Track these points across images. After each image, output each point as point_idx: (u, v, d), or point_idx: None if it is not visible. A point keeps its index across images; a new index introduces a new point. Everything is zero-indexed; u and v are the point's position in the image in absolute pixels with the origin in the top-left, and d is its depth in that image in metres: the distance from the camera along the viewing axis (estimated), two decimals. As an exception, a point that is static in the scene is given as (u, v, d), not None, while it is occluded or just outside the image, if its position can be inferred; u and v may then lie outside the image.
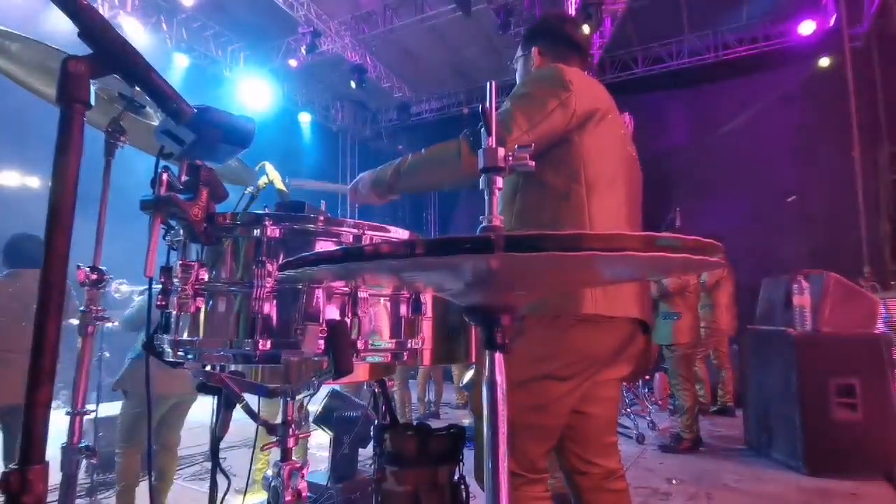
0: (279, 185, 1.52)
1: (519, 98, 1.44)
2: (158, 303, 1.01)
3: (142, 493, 2.80)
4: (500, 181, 0.77)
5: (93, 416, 1.56)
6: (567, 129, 1.40)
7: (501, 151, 0.76)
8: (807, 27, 7.38)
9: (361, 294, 1.03)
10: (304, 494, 1.12)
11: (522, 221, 1.43)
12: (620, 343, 1.40)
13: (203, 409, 1.63)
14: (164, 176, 0.91)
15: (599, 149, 1.44)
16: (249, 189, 1.56)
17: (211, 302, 0.99)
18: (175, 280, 1.00)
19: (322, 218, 1.05)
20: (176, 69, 7.62)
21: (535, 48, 1.66)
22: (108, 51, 0.80)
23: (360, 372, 1.20)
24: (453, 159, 1.38)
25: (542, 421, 1.39)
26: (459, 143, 1.38)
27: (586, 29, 6.86)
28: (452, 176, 1.43)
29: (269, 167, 1.53)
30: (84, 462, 1.47)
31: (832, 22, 7.23)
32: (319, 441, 3.76)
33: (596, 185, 1.40)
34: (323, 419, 2.89)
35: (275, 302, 0.97)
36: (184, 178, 0.94)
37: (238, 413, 1.18)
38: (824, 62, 7.49)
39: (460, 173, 1.39)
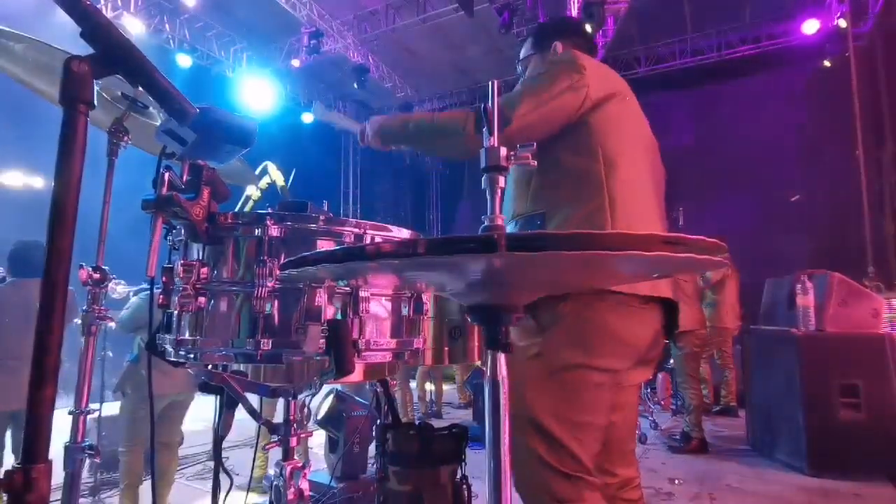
0: (281, 184, 1.52)
1: (529, 80, 1.44)
2: (160, 302, 1.01)
3: (146, 492, 2.81)
4: (502, 181, 0.76)
5: (96, 415, 1.57)
6: (580, 112, 1.37)
7: (504, 151, 0.75)
8: (810, 26, 7.35)
9: (363, 293, 1.03)
10: (306, 494, 1.12)
11: (538, 202, 1.40)
12: (654, 337, 1.38)
13: (206, 408, 1.64)
14: (167, 176, 0.91)
15: (618, 128, 1.42)
16: (251, 189, 1.57)
17: (212, 301, 0.99)
18: (177, 280, 1.00)
19: (323, 217, 1.05)
20: (178, 69, 7.64)
21: (558, 42, 1.62)
22: (110, 51, 0.80)
23: (362, 371, 1.20)
24: (457, 134, 1.38)
25: (584, 417, 1.32)
26: (467, 118, 1.37)
27: (588, 28, 6.86)
28: (453, 148, 1.45)
29: (271, 167, 1.53)
30: (87, 461, 1.48)
31: (836, 21, 7.20)
32: (320, 440, 3.77)
33: (616, 163, 1.37)
34: (328, 420, 2.89)
35: (276, 301, 0.97)
36: (186, 177, 0.94)
37: (240, 412, 1.18)
38: (828, 61, 7.46)
39: (461, 148, 1.40)
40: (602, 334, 1.30)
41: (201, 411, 2.91)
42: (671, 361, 4.79)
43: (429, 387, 6.07)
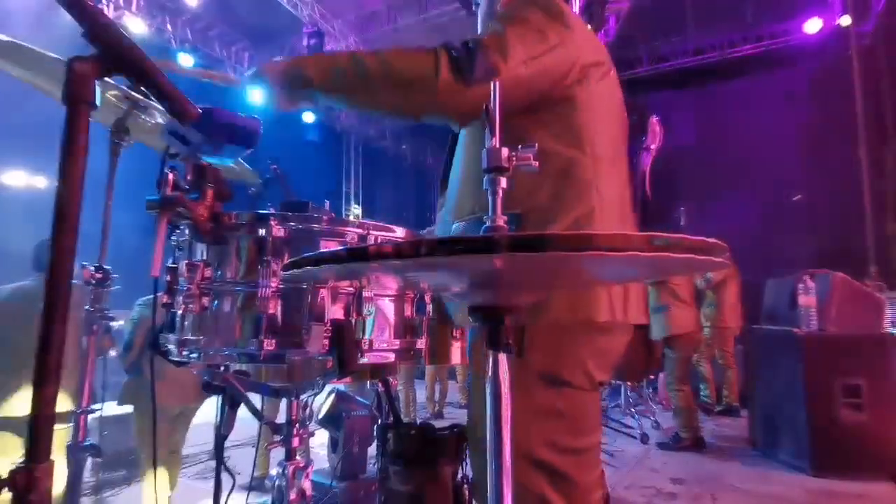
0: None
1: (510, 20, 1.07)
2: (164, 301, 1.01)
3: (148, 491, 2.82)
4: (503, 181, 0.72)
5: (98, 414, 1.58)
6: (565, 82, 1.08)
7: (505, 152, 0.72)
8: (813, 25, 7.34)
9: (366, 294, 1.03)
10: (308, 493, 1.13)
11: (508, 199, 1.07)
12: (628, 345, 1.21)
13: (207, 407, 1.65)
14: (171, 176, 0.91)
15: (605, 111, 1.16)
16: (252, 190, 1.57)
17: (216, 301, 1.00)
18: (181, 279, 1.01)
19: (327, 218, 1.05)
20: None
21: None
22: (113, 51, 0.80)
23: (364, 371, 1.20)
24: (425, 81, 1.00)
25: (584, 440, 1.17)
26: (437, 59, 0.99)
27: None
28: (415, 104, 1.05)
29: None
30: (89, 460, 1.49)
31: (838, 20, 7.19)
32: (321, 440, 3.77)
33: (600, 157, 1.11)
34: (328, 420, 2.90)
35: (280, 301, 0.97)
36: (189, 178, 0.94)
37: (242, 411, 1.18)
38: (830, 61, 7.45)
39: (429, 103, 1.03)
40: (584, 346, 1.11)
41: (203, 410, 2.91)
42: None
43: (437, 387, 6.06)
